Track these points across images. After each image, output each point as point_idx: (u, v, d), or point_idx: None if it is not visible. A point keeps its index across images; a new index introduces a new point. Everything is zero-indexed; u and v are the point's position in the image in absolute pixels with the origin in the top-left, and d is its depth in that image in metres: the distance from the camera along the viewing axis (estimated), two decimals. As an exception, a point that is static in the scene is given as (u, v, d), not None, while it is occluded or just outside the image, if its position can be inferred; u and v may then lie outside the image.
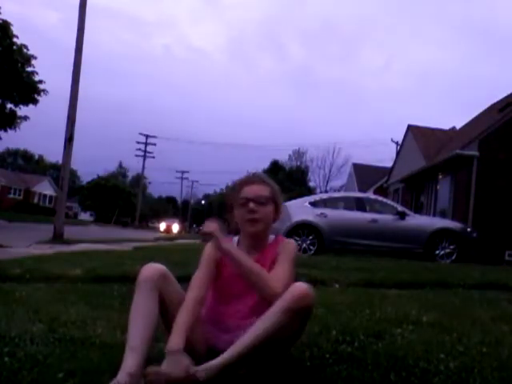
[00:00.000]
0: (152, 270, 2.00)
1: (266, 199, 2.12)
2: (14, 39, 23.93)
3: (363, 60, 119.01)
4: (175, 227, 47.07)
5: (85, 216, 66.56)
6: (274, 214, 2.16)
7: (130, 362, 1.80)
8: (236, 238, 2.23)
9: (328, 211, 11.02)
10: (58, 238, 12.56)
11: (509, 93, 19.25)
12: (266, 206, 2.12)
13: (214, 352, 1.95)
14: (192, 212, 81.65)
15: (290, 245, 2.18)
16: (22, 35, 28.12)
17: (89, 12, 13.93)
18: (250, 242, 2.17)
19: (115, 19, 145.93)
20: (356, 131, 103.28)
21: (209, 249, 2.14)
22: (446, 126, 25.59)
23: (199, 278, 2.07)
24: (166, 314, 2.01)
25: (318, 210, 10.97)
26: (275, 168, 64.08)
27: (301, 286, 1.91)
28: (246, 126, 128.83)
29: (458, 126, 24.67)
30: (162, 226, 47.68)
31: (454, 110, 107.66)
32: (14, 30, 23.80)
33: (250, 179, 2.17)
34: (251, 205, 2.08)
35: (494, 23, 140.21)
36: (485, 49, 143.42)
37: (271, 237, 2.23)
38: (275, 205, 2.16)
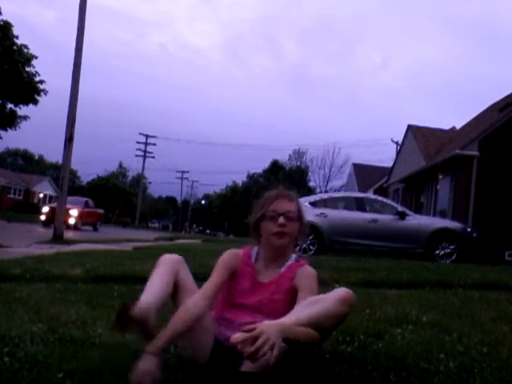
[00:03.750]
0: (171, 255, 2.16)
1: (294, 215, 2.15)
2: (14, 39, 23.97)
3: (362, 59, 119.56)
4: (73, 213, 22.26)
5: (85, 216, 66.41)
6: (298, 232, 2.19)
7: (143, 299, 1.91)
8: (256, 249, 2.24)
9: (328, 211, 11.03)
10: (58, 238, 12.56)
11: (509, 93, 19.27)
12: (294, 222, 2.15)
13: (221, 346, 2.00)
14: (192, 212, 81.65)
15: (312, 274, 2.16)
16: (21, 35, 28.17)
17: (87, 11, 13.92)
18: (271, 254, 2.19)
19: (111, 18, 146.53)
20: (356, 131, 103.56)
21: (227, 256, 2.20)
22: (446, 126, 25.65)
23: (210, 286, 2.10)
24: (175, 297, 2.10)
25: (318, 210, 10.97)
26: (275, 168, 64.15)
27: (347, 289, 2.00)
28: (246, 126, 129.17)
29: (458, 125, 24.71)
30: (45, 210, 23.28)
31: (454, 110, 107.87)
32: (15, 30, 23.87)
33: (282, 194, 2.20)
34: (281, 219, 2.11)
35: (494, 23, 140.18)
36: (485, 48, 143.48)
37: (293, 256, 2.24)
38: (300, 222, 2.19)
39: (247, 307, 2.11)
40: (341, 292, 1.95)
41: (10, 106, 25.39)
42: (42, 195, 61.50)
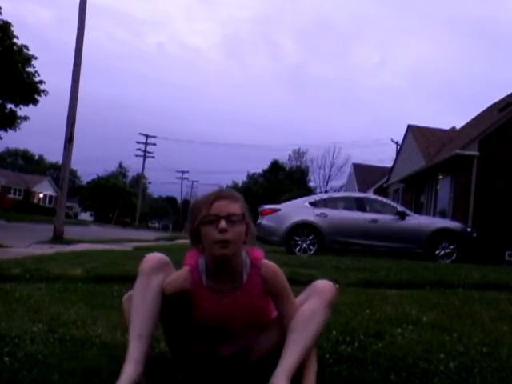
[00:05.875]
0: (155, 258, 1.97)
1: (238, 218, 1.87)
2: (15, 39, 23.97)
3: (361, 58, 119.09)
4: None
5: (85, 216, 66.54)
6: (244, 236, 1.90)
7: (136, 350, 1.78)
8: (203, 261, 1.95)
9: (328, 211, 11.03)
10: (58, 237, 12.56)
11: (509, 93, 19.26)
12: (239, 225, 1.87)
13: (218, 356, 1.99)
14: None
15: (277, 273, 1.97)
16: (21, 35, 28.17)
17: (86, 11, 13.92)
18: (218, 267, 1.90)
19: (109, 17, 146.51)
20: (356, 131, 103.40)
21: (171, 288, 1.92)
22: (446, 126, 25.63)
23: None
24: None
25: (318, 210, 10.98)
26: (275, 168, 64.09)
27: (327, 282, 1.98)
28: (245, 126, 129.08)
29: (458, 126, 24.70)
30: None
31: (454, 110, 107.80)
32: (14, 30, 23.88)
33: (222, 194, 1.91)
34: (222, 223, 1.82)
35: (494, 23, 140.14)
36: (485, 48, 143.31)
37: (244, 257, 1.95)
38: (246, 225, 1.92)
39: (228, 330, 1.98)
40: (326, 295, 1.92)
41: (9, 106, 25.39)
42: (42, 195, 61.53)
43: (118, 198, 61.93)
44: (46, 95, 25.45)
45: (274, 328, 1.97)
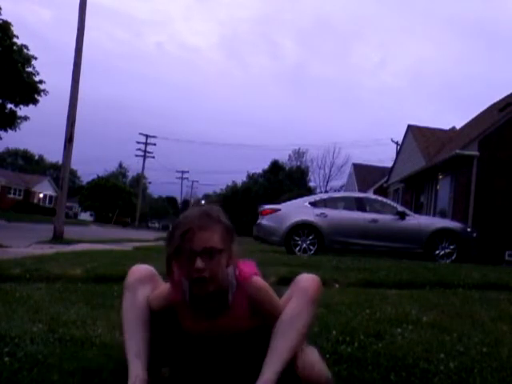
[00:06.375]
0: (141, 270, 1.96)
1: (216, 251, 1.70)
2: (14, 39, 23.97)
3: (361, 58, 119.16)
4: None
5: (85, 216, 66.53)
6: (227, 263, 1.76)
7: (137, 368, 1.77)
8: (186, 286, 1.83)
9: (328, 211, 11.03)
10: (58, 237, 12.56)
11: (509, 93, 19.26)
12: (218, 258, 1.72)
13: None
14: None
15: (262, 291, 1.83)
16: (21, 35, 28.16)
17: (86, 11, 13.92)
18: (203, 302, 1.81)
19: (108, 17, 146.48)
20: (356, 131, 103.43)
21: (159, 299, 1.89)
22: (446, 126, 25.63)
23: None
24: None
25: (318, 210, 10.98)
26: (275, 168, 64.07)
27: (311, 276, 1.91)
28: (245, 126, 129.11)
29: (458, 126, 24.70)
30: None
31: (454, 110, 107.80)
32: (14, 30, 23.87)
33: (199, 224, 1.71)
34: (199, 263, 1.67)
35: (494, 23, 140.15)
36: (485, 48, 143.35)
37: (228, 270, 1.80)
38: (229, 251, 1.76)
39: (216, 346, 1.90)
40: (308, 293, 1.84)
41: (10, 106, 25.38)
42: (42, 195, 61.53)
43: (117, 197, 61.93)
44: (45, 95, 25.46)
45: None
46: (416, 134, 22.67)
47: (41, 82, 24.95)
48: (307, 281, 1.89)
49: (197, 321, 1.86)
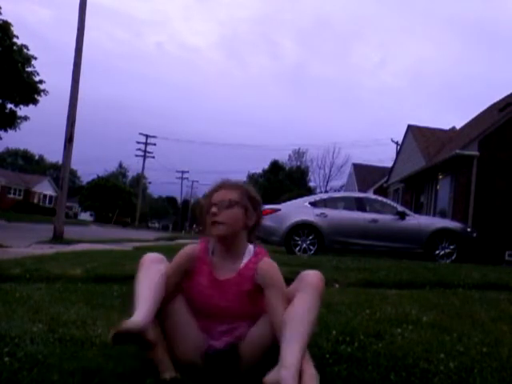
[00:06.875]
0: (154, 254, 2.12)
1: (230, 202, 2.06)
2: (14, 39, 23.97)
3: (361, 58, 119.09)
4: None
5: (85, 216, 66.56)
6: (244, 219, 2.09)
7: (143, 307, 1.86)
8: (212, 243, 2.15)
9: (328, 211, 11.03)
10: (58, 237, 12.56)
11: (509, 93, 19.27)
12: (231, 209, 2.06)
13: (211, 356, 1.97)
14: (192, 212, 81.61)
15: (272, 267, 2.04)
16: (21, 35, 28.18)
17: (86, 11, 13.91)
18: (220, 247, 2.11)
19: (108, 17, 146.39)
20: (356, 131, 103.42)
21: (180, 260, 2.11)
22: (446, 126, 25.63)
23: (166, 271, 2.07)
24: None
25: (318, 210, 10.98)
26: (275, 168, 64.13)
27: (316, 272, 2.00)
28: (245, 126, 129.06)
29: (458, 126, 24.70)
30: None
31: (454, 110, 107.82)
32: (14, 30, 23.87)
33: (218, 185, 2.14)
34: (213, 209, 2.04)
35: (494, 23, 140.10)
36: (485, 48, 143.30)
37: (250, 247, 2.13)
38: (245, 209, 2.09)
39: (216, 315, 2.04)
40: (318, 289, 1.94)
41: (10, 106, 25.38)
42: (42, 195, 61.54)
43: (117, 197, 61.96)
44: (46, 95, 25.44)
45: (265, 322, 1.98)
46: (416, 134, 22.67)
47: (41, 81, 24.95)
48: (315, 276, 1.99)
49: (209, 277, 2.06)
